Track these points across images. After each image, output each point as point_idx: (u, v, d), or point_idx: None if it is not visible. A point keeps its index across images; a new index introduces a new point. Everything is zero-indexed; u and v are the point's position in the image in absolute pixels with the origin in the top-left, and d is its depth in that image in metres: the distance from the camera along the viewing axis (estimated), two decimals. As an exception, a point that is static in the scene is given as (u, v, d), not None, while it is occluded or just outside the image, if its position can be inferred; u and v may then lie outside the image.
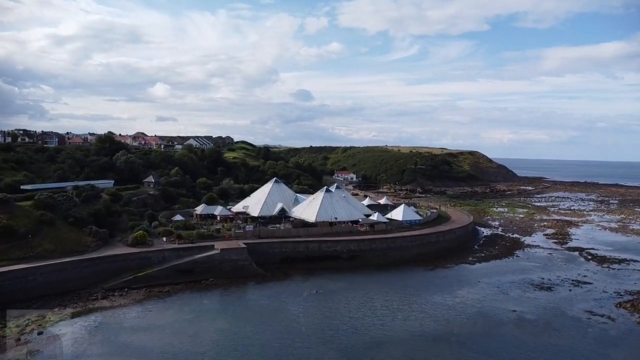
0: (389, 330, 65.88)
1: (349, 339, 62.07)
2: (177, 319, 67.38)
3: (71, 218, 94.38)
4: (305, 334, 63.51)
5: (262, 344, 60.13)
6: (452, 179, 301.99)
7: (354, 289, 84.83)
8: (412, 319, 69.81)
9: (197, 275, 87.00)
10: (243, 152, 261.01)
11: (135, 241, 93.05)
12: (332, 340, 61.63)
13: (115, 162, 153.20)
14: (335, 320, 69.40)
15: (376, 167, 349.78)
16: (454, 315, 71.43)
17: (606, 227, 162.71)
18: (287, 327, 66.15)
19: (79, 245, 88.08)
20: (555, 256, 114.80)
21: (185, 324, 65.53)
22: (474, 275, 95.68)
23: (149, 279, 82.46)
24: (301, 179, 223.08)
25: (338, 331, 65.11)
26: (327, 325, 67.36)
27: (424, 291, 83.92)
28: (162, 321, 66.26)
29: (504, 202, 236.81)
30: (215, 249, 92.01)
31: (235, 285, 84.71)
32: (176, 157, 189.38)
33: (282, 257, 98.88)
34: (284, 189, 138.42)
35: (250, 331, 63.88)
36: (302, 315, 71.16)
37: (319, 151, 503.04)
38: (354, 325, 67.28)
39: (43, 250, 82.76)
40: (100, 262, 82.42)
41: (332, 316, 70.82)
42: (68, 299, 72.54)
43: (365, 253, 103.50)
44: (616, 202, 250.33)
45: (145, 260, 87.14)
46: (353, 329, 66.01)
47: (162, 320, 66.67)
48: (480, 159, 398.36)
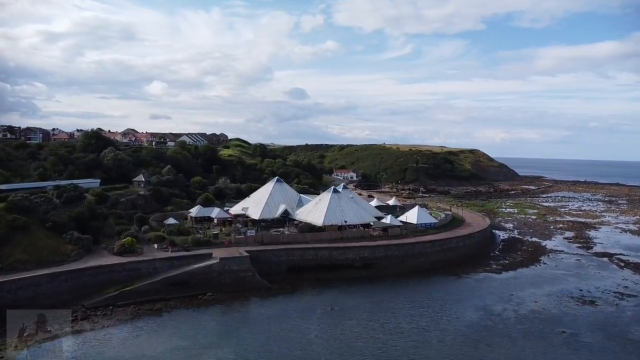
0: (424, 356, 55.38)
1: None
2: (170, 346, 56.28)
3: (49, 222, 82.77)
4: (326, 364, 52.80)
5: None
6: (455, 178, 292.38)
7: (374, 303, 74.21)
8: (449, 343, 59.33)
9: (193, 288, 75.87)
10: (239, 149, 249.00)
11: (122, 249, 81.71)
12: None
13: (102, 159, 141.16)
14: (357, 342, 58.95)
15: (375, 166, 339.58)
16: (498, 339, 61.00)
17: (625, 229, 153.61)
18: (302, 354, 55.37)
19: (57, 255, 76.55)
20: (585, 263, 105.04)
21: (181, 353, 54.43)
22: (504, 286, 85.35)
23: (138, 294, 71.18)
24: (301, 178, 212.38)
25: (364, 358, 54.55)
26: (349, 350, 56.78)
27: (453, 306, 73.50)
28: (153, 350, 55.10)
29: (511, 202, 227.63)
30: (214, 258, 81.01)
31: (238, 301, 73.79)
32: (168, 154, 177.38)
33: (288, 266, 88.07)
34: (286, 188, 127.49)
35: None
36: (319, 338, 60.38)
37: (315, 149, 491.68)
38: (381, 349, 56.76)
39: (14, 261, 71.21)
40: (80, 274, 71.01)
41: (353, 338, 60.24)
42: (40, 321, 60.97)
43: (381, 261, 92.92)
44: (625, 202, 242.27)
45: (133, 271, 75.83)
46: (381, 353, 55.43)
47: (154, 348, 55.48)
48: (480, 157, 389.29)
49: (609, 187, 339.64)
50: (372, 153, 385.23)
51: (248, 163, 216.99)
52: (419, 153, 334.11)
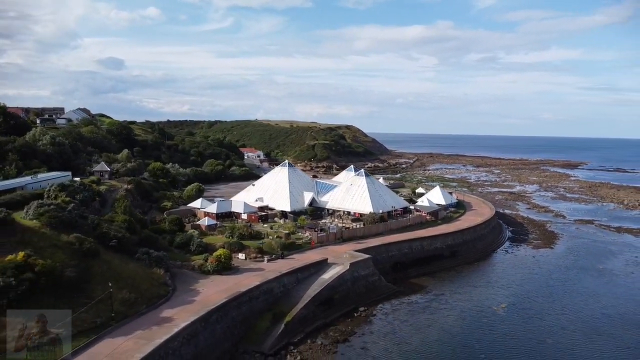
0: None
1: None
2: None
3: (113, 240, 57.62)
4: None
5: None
6: (354, 155, 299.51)
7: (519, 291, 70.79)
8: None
9: (339, 305, 61.78)
10: (140, 129, 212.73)
11: (219, 265, 61.73)
12: None
13: (35, 144, 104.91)
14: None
15: (266, 143, 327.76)
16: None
17: (555, 196, 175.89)
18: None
19: (155, 285, 53.96)
20: (591, 231, 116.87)
21: None
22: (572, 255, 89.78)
23: (301, 324, 54.82)
24: (233, 159, 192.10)
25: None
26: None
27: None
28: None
29: (419, 176, 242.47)
30: (335, 265, 67.13)
31: (387, 311, 62.46)
32: (87, 135, 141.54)
33: (391, 263, 78.16)
34: (300, 174, 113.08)
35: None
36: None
37: (179, 126, 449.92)
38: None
39: (120, 303, 47.66)
40: (225, 309, 51.02)
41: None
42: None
43: (460, 247, 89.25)
44: (499, 171, 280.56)
45: (268, 294, 57.93)
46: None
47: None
48: (356, 132, 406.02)
49: (473, 158, 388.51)
50: (255, 129, 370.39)
51: (168, 144, 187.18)
52: (313, 129, 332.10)
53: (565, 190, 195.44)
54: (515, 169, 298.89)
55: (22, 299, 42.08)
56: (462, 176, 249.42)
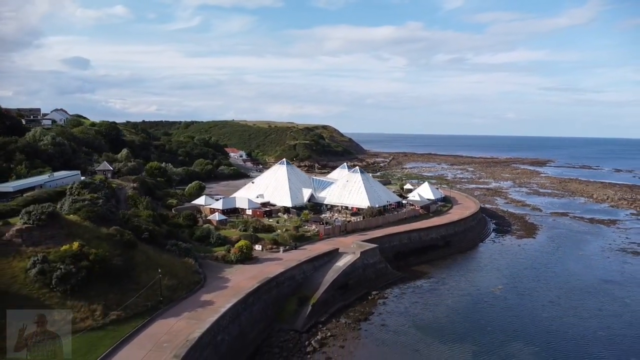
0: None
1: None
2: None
3: (145, 233, 61.37)
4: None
5: None
6: (333, 154, 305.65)
7: (510, 274, 78.19)
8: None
9: (354, 290, 67.27)
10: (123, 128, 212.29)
11: (243, 256, 66.25)
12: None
13: (36, 144, 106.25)
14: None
15: (245, 143, 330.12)
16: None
17: (525, 192, 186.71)
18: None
19: (189, 273, 58.15)
20: (565, 222, 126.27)
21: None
22: (553, 243, 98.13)
23: (325, 306, 60.03)
24: (220, 160, 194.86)
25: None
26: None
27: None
28: None
29: (398, 174, 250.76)
30: (350, 253, 72.54)
31: (397, 294, 68.40)
32: (79, 135, 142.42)
33: (393, 252, 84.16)
34: (297, 172, 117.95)
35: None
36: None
37: (154, 126, 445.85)
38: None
39: (165, 289, 51.77)
40: (258, 293, 55.60)
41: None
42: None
43: (453, 238, 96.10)
44: (473, 169, 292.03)
45: (292, 280, 62.86)
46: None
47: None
48: (333, 132, 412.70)
49: (446, 157, 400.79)
50: (234, 130, 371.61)
51: (155, 144, 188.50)
52: (292, 129, 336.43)
53: (538, 186, 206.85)
54: (488, 167, 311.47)
55: (82, 285, 45.77)
56: (439, 174, 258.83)
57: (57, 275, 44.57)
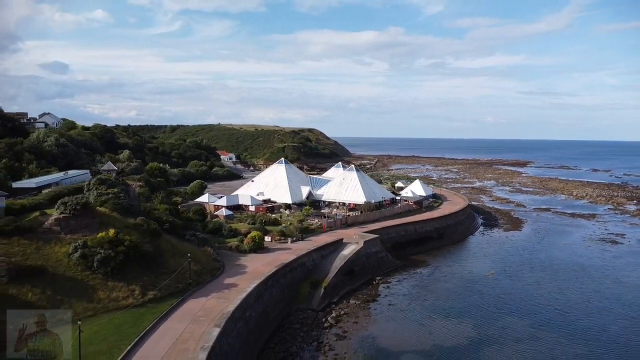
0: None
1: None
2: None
3: (166, 224, 65.55)
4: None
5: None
6: (321, 156, 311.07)
7: (500, 260, 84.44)
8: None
9: (359, 276, 72.38)
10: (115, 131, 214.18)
11: (255, 245, 70.84)
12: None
13: (41, 145, 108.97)
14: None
15: (233, 146, 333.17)
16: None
17: (508, 190, 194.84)
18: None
19: (210, 260, 62.56)
20: (549, 217, 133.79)
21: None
22: (538, 235, 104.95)
23: (335, 290, 65.03)
24: (213, 161, 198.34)
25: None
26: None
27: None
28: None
29: (385, 174, 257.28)
30: (354, 243, 77.68)
31: (399, 279, 73.88)
32: (76, 137, 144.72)
33: (392, 243, 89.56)
34: (295, 170, 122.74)
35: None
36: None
37: (140, 130, 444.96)
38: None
39: (193, 273, 56.15)
40: (276, 276, 60.31)
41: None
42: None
43: (445, 230, 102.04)
44: (457, 170, 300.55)
45: (303, 267, 67.77)
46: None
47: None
48: (319, 135, 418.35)
49: (429, 159, 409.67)
50: (221, 133, 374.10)
51: (149, 147, 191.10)
52: (279, 132, 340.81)
53: (520, 184, 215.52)
54: (471, 168, 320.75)
55: (120, 268, 49.87)
56: (425, 174, 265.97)
57: (98, 259, 48.62)
